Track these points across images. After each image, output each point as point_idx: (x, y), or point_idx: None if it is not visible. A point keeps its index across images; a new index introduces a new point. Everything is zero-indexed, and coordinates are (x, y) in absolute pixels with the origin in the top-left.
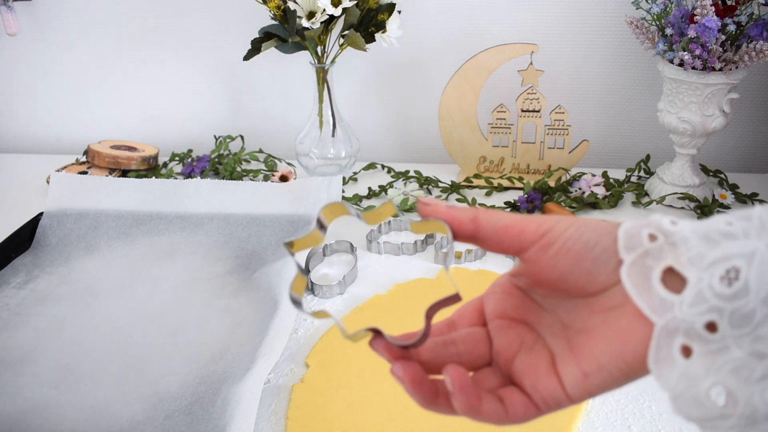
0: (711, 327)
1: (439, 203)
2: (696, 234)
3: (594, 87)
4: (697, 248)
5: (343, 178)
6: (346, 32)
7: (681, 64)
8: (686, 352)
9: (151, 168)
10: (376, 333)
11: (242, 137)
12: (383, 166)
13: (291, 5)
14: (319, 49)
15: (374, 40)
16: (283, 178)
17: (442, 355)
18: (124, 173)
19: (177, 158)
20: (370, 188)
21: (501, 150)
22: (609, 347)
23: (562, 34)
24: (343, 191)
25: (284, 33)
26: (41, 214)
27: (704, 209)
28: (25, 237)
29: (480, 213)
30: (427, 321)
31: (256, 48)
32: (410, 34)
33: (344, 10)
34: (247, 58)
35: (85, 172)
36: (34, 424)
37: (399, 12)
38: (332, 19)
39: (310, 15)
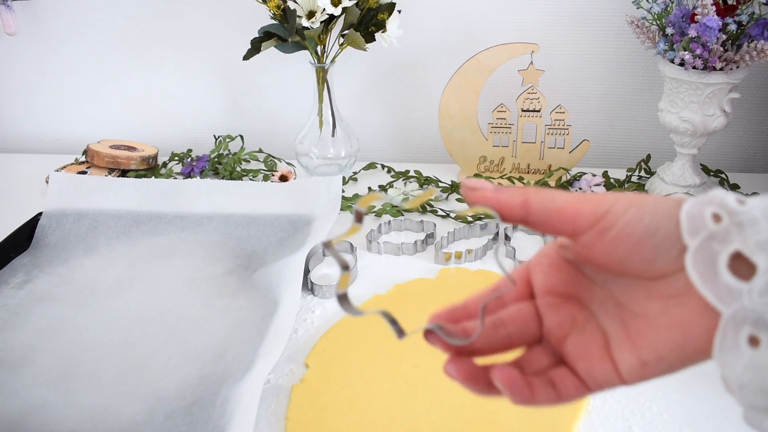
0: None
1: (486, 186)
2: (766, 215)
3: (594, 87)
4: (767, 231)
5: (343, 178)
6: (346, 32)
7: (682, 64)
8: (754, 342)
9: (150, 168)
10: (431, 330)
11: (242, 137)
12: (383, 166)
13: (291, 5)
14: (318, 48)
15: (374, 40)
16: (283, 178)
17: (494, 339)
18: (124, 173)
19: (176, 158)
20: (370, 188)
21: (501, 150)
22: (671, 338)
23: (563, 34)
24: (343, 191)
25: (284, 32)
26: (40, 214)
27: None
28: (24, 237)
29: (531, 196)
30: (482, 317)
31: (255, 47)
32: (410, 33)
33: (344, 9)
34: (246, 57)
35: (84, 172)
36: (32, 425)
37: (399, 11)
38: (332, 18)
39: (310, 14)
